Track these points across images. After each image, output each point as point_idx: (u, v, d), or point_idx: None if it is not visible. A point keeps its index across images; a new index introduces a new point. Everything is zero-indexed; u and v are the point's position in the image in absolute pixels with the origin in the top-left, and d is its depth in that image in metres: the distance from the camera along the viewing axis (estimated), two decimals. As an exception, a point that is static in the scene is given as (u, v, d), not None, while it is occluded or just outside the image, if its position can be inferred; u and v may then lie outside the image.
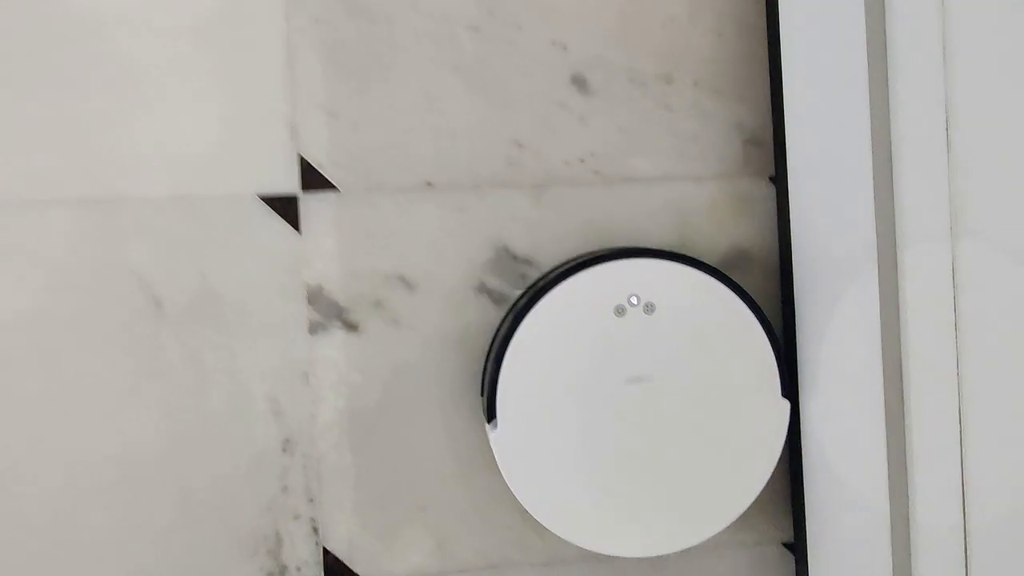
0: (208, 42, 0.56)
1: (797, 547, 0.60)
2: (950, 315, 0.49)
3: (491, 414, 0.54)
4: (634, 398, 0.54)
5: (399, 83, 0.58)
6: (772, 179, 0.61)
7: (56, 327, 0.55)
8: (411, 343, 0.59)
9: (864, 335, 0.52)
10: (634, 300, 0.54)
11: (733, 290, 0.54)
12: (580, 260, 0.55)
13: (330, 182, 0.57)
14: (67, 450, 0.55)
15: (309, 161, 0.57)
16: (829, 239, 0.53)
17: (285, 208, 0.57)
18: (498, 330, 0.57)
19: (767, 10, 0.59)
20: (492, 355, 0.55)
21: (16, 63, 0.54)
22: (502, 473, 0.54)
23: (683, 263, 0.54)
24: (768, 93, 0.61)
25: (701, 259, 0.56)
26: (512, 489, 0.54)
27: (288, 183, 0.57)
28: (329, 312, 0.58)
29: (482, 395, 0.56)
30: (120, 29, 0.55)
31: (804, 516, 0.57)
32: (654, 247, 0.58)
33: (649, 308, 0.54)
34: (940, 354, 0.49)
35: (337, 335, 0.58)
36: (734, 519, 0.55)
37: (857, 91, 0.51)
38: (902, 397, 0.51)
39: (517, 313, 0.54)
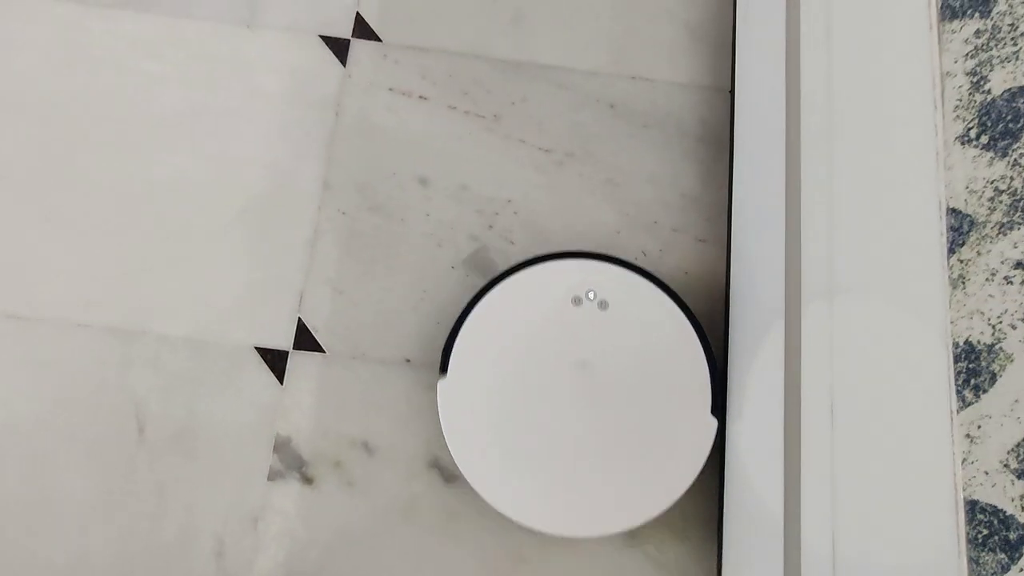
0: (251, 216, 0.67)
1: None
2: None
3: (444, 367, 0.57)
4: (577, 381, 0.57)
5: (400, 272, 0.67)
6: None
7: (48, 435, 0.61)
8: (360, 508, 0.61)
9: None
10: (591, 295, 0.59)
11: (684, 312, 0.59)
12: (551, 253, 0.61)
13: (319, 344, 0.64)
14: (27, 549, 0.58)
15: (306, 324, 0.65)
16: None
17: (275, 361, 0.64)
18: (470, 299, 0.60)
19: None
20: (458, 317, 0.59)
21: (89, 211, 0.66)
22: (442, 424, 0.56)
23: (646, 278, 0.60)
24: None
25: (661, 278, 0.61)
26: (447, 439, 0.56)
27: (284, 340, 0.64)
28: (291, 463, 0.62)
29: (441, 353, 0.59)
30: (175, 196, 0.67)
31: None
32: (622, 257, 0.62)
33: (603, 305, 0.59)
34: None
35: (293, 486, 0.61)
36: (653, 517, 0.55)
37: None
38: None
39: (488, 283, 0.60)
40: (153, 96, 0.71)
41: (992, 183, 0.40)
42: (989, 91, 0.41)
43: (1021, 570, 0.34)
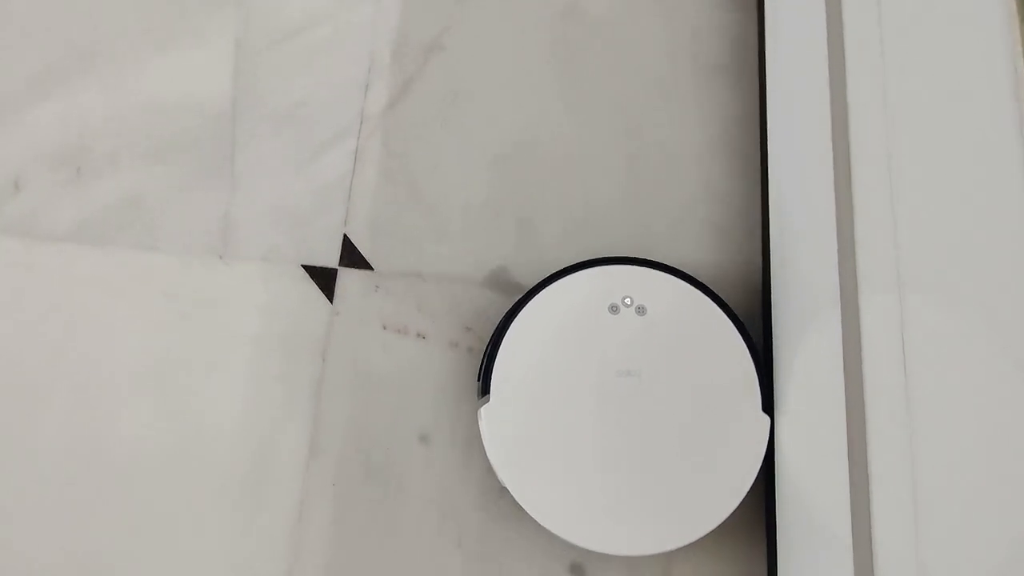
0: (223, 495, 0.58)
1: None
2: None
3: (485, 389, 0.56)
4: (623, 391, 0.55)
5: (399, 554, 0.58)
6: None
7: None
8: None
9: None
10: (628, 301, 0.57)
11: (722, 308, 0.58)
12: (579, 263, 0.59)
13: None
14: None
15: (292, 636, 0.55)
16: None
17: None
18: (503, 318, 0.59)
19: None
20: (493, 337, 0.58)
21: (36, 485, 0.57)
22: (486, 447, 0.54)
23: (681, 278, 0.59)
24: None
25: (694, 276, 0.59)
26: (492, 462, 0.54)
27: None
28: None
29: (478, 379, 0.58)
30: (137, 470, 0.58)
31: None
32: (651, 259, 0.60)
33: (641, 310, 0.57)
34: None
35: None
36: (711, 529, 0.53)
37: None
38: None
39: (520, 299, 0.58)
40: (113, 344, 0.62)
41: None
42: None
43: None
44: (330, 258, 0.65)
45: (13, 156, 0.66)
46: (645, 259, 0.60)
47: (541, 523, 0.53)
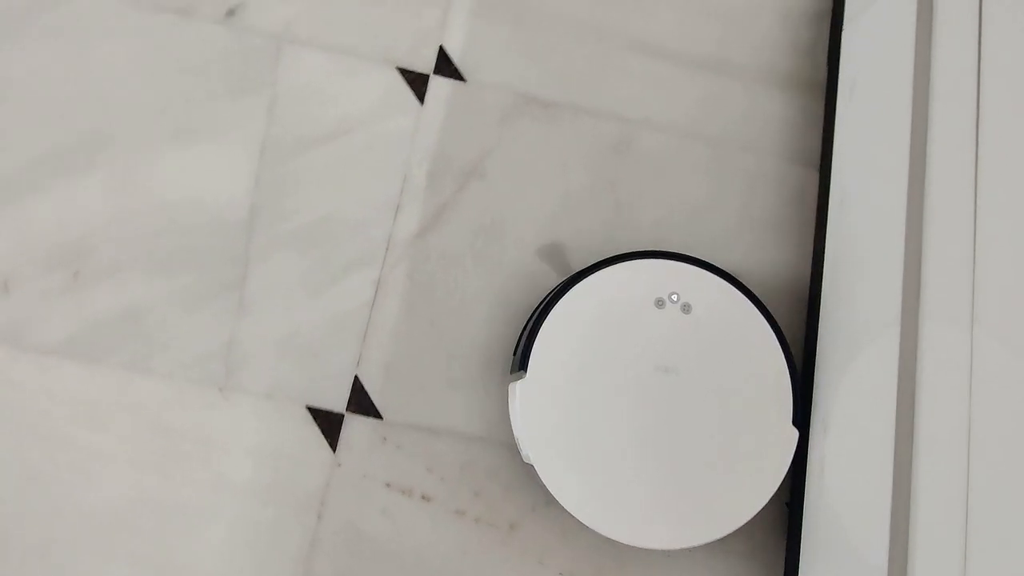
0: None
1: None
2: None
3: (522, 364, 0.55)
4: (660, 386, 0.56)
5: None
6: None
7: None
8: None
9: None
10: (674, 297, 0.57)
11: (767, 318, 0.58)
12: (632, 252, 0.59)
13: None
14: None
15: None
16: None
17: None
18: (548, 294, 0.58)
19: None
20: (537, 313, 0.57)
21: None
22: (513, 423, 0.55)
23: (729, 281, 0.58)
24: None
25: (747, 285, 0.59)
26: (520, 441, 0.55)
27: None
28: None
29: (515, 352, 0.59)
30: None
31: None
32: (706, 259, 0.60)
33: (687, 308, 0.57)
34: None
35: None
36: (730, 531, 0.54)
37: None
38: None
39: (568, 280, 0.57)
40: (92, 480, 0.57)
41: None
42: None
43: None
44: (338, 401, 0.61)
45: (4, 253, 0.60)
46: (697, 258, 0.59)
47: (561, 503, 0.54)
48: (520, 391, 0.55)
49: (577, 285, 0.57)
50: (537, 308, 0.60)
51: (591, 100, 0.68)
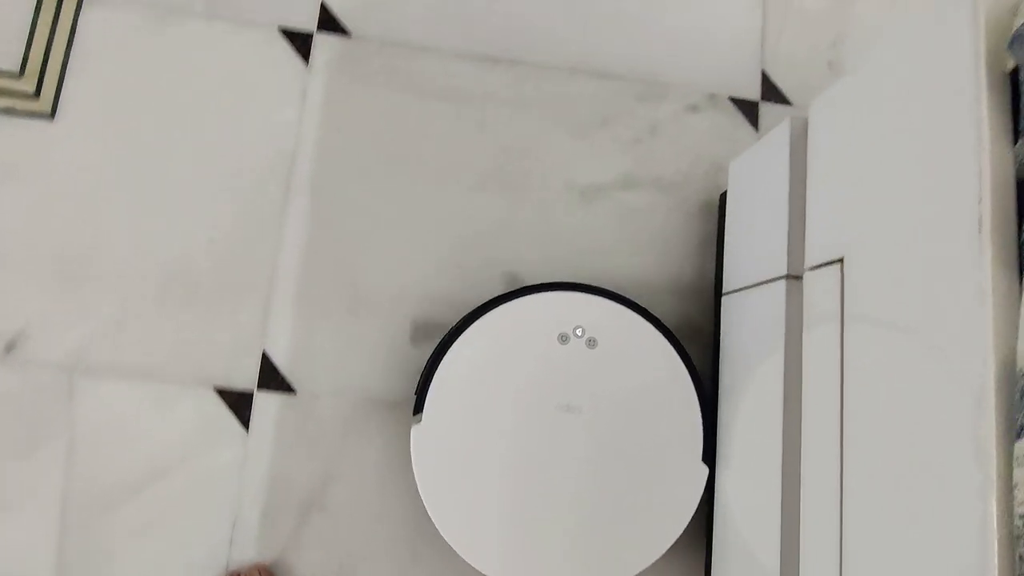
0: None
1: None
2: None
3: (418, 407, 0.51)
4: (562, 425, 0.52)
5: None
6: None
7: None
8: None
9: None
10: (579, 332, 0.54)
11: (677, 351, 0.54)
12: (536, 285, 0.55)
13: None
14: None
15: None
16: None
17: None
18: (446, 333, 0.54)
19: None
20: (434, 354, 0.53)
21: None
22: (414, 469, 0.50)
23: (639, 313, 0.55)
24: None
25: (658, 317, 0.55)
26: (419, 486, 0.51)
27: None
28: None
29: (415, 394, 0.53)
30: None
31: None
32: (613, 290, 0.56)
33: (592, 343, 0.53)
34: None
35: None
36: (641, 570, 0.51)
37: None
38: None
39: (466, 317, 0.53)
40: None
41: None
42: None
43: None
44: None
45: None
46: (605, 289, 0.56)
47: (460, 554, 0.51)
48: (415, 436, 0.52)
49: (476, 322, 0.54)
50: (435, 348, 0.55)
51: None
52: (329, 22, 0.64)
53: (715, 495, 0.54)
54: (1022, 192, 0.30)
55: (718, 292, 0.57)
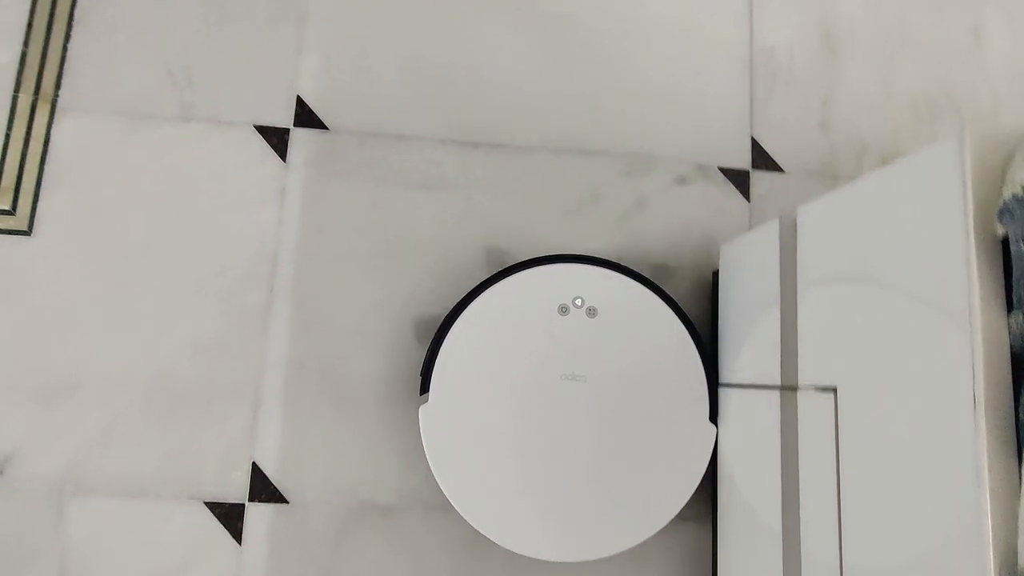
0: None
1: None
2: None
3: (424, 387, 0.53)
4: (568, 395, 0.53)
5: None
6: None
7: None
8: None
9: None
10: (578, 302, 0.55)
11: (678, 314, 0.55)
12: (532, 259, 0.56)
13: None
14: None
15: None
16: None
17: None
18: (449, 313, 0.55)
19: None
20: (438, 332, 0.54)
21: None
22: (425, 450, 0.52)
23: (637, 280, 0.56)
24: None
25: (655, 281, 0.56)
26: (432, 466, 0.52)
27: None
28: None
29: (420, 375, 0.55)
30: None
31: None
32: (609, 259, 0.57)
33: (592, 312, 0.54)
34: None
35: None
36: (652, 534, 0.52)
37: None
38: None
39: (467, 295, 0.54)
40: None
41: None
42: None
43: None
44: None
45: None
46: (600, 258, 0.56)
47: (477, 528, 0.51)
48: (423, 415, 0.53)
49: (476, 299, 0.55)
50: (438, 328, 0.56)
51: (438, 496, 0.59)
52: (305, 116, 0.63)
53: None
54: (1017, 365, 0.29)
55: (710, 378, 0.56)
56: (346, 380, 0.60)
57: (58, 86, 0.61)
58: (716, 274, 0.61)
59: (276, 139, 0.62)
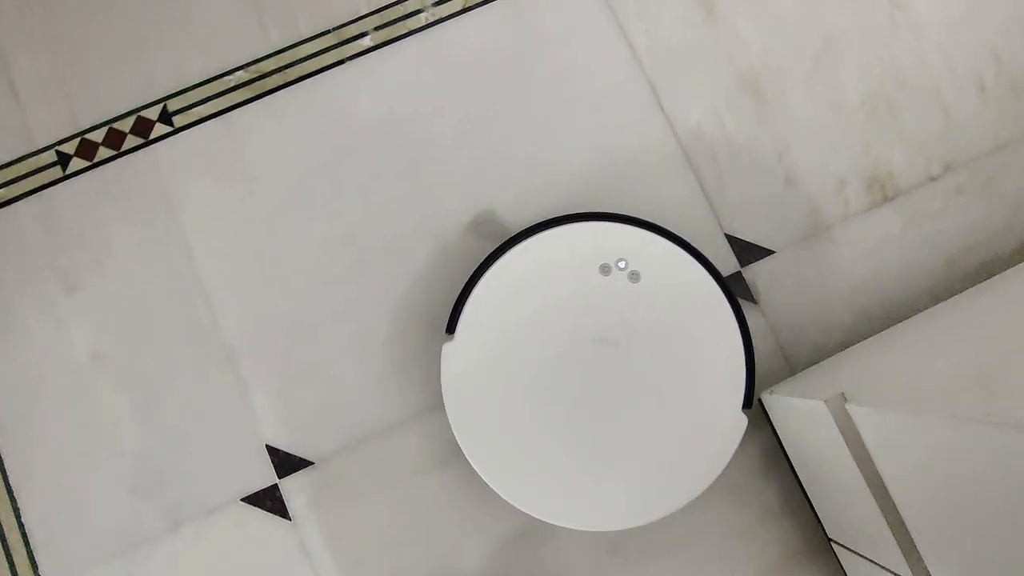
0: None
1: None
2: None
3: (451, 327, 0.51)
4: (596, 358, 0.51)
5: None
6: None
7: None
8: None
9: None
10: (622, 264, 0.52)
11: (729, 301, 0.52)
12: (581, 213, 0.53)
13: None
14: None
15: None
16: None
17: None
18: (486, 256, 0.53)
19: None
20: (473, 275, 0.52)
21: None
22: (443, 388, 0.50)
23: (688, 251, 0.52)
24: None
25: (705, 255, 0.53)
26: (448, 410, 0.51)
27: None
28: None
29: (451, 312, 0.53)
30: None
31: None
32: (663, 225, 0.53)
33: (635, 276, 0.51)
34: None
35: None
36: (667, 514, 0.50)
37: None
38: None
39: (508, 241, 0.52)
40: None
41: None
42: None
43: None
44: None
45: None
46: (652, 223, 0.53)
47: (488, 483, 0.50)
48: (446, 355, 0.51)
49: (516, 247, 0.52)
50: (475, 270, 0.54)
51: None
52: (286, 463, 0.58)
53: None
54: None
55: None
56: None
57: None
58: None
59: (269, 501, 0.58)
